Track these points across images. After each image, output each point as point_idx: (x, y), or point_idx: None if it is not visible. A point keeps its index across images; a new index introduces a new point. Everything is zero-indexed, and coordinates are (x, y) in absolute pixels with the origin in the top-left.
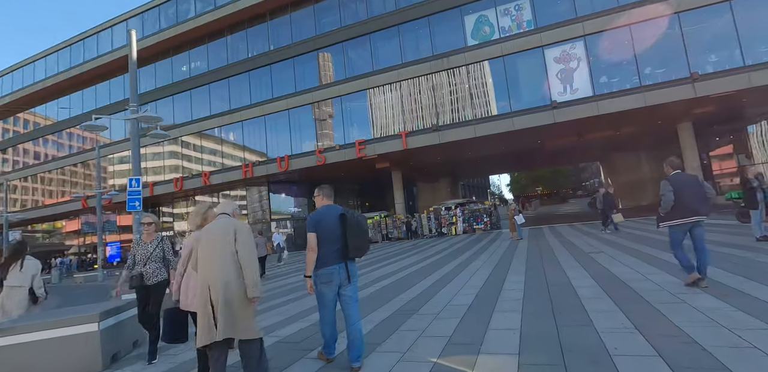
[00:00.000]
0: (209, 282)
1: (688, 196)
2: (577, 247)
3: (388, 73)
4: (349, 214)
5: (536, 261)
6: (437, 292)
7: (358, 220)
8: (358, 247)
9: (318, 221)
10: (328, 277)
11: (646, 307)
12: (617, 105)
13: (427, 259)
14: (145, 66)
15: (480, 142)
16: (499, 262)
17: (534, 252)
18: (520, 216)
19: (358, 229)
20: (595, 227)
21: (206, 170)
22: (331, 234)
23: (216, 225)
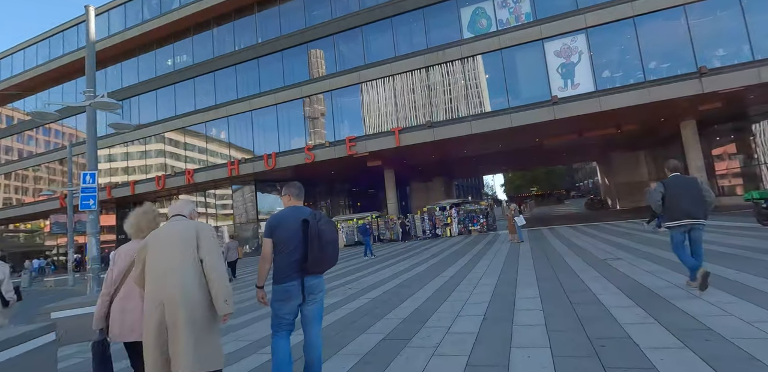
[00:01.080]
0: (164, 299)
1: (684, 199)
2: (587, 252)
3: (381, 66)
4: (313, 219)
5: (546, 269)
6: (435, 311)
7: (321, 229)
8: (318, 260)
9: (275, 226)
10: (284, 294)
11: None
12: (620, 101)
13: (422, 264)
14: (129, 59)
15: (476, 139)
16: (504, 270)
17: (540, 257)
18: (520, 217)
19: (321, 240)
20: (598, 229)
21: (190, 168)
22: (289, 242)
23: (171, 229)
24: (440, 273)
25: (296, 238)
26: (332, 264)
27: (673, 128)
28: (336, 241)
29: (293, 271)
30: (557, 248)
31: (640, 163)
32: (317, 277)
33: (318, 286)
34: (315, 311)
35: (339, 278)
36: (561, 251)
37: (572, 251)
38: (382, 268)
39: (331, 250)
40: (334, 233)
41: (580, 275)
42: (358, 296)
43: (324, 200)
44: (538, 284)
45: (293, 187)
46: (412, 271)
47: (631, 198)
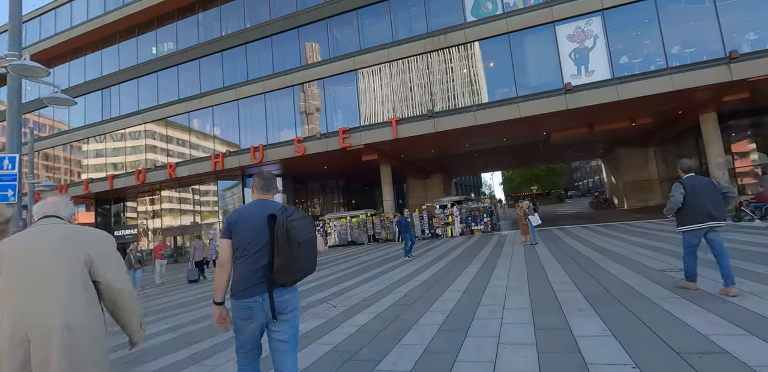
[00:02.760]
0: (28, 328)
1: (703, 200)
2: (627, 258)
3: (378, 52)
4: (283, 214)
5: (589, 282)
6: (455, 359)
7: (288, 227)
8: (288, 267)
9: (235, 223)
10: (245, 312)
11: None
12: (640, 89)
13: (424, 270)
14: (109, 46)
15: (479, 131)
16: (533, 283)
17: (570, 264)
18: (535, 216)
19: (291, 240)
20: (614, 229)
21: (172, 161)
22: (253, 244)
23: (42, 235)
24: (449, 285)
25: (261, 239)
26: (308, 271)
27: (691, 122)
28: (313, 241)
29: (258, 283)
30: (583, 252)
31: (650, 160)
32: (289, 290)
33: (290, 303)
34: (287, 335)
35: (321, 289)
36: (592, 256)
37: (606, 257)
38: (375, 275)
39: (305, 253)
40: (309, 232)
41: (646, 294)
42: (342, 321)
43: (316, 197)
44: (595, 310)
45: (259, 177)
46: (413, 280)
47: (639, 197)
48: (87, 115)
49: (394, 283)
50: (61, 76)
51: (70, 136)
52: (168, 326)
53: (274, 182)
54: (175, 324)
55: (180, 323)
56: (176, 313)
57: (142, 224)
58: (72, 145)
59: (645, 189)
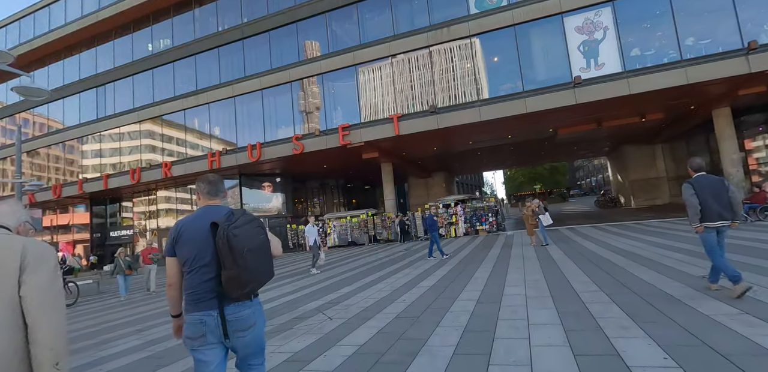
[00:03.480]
0: None
1: (712, 200)
2: (656, 262)
3: (378, 46)
4: (226, 222)
5: (623, 293)
6: None
7: (229, 236)
8: (233, 281)
9: (177, 237)
10: (199, 328)
11: None
12: (652, 83)
13: (429, 275)
14: (103, 44)
15: (484, 128)
16: (556, 293)
17: (593, 270)
18: (546, 215)
19: (233, 249)
20: (627, 228)
21: (167, 160)
22: (199, 257)
23: None
24: (458, 292)
25: (207, 251)
26: (262, 281)
27: (703, 117)
28: (262, 247)
29: (208, 297)
30: (602, 254)
31: (657, 157)
32: (248, 305)
33: (248, 319)
34: (251, 357)
35: (317, 295)
36: (614, 260)
37: (631, 260)
38: (376, 279)
39: (254, 262)
40: (255, 238)
41: (699, 309)
42: (338, 338)
43: (316, 197)
44: (641, 328)
45: (202, 181)
46: (417, 287)
47: (647, 195)
48: (82, 113)
49: (397, 289)
50: (56, 74)
51: (64, 134)
52: (138, 343)
53: (220, 185)
54: (147, 339)
55: (155, 338)
56: (157, 323)
57: (139, 225)
58: (66, 144)
59: (652, 187)
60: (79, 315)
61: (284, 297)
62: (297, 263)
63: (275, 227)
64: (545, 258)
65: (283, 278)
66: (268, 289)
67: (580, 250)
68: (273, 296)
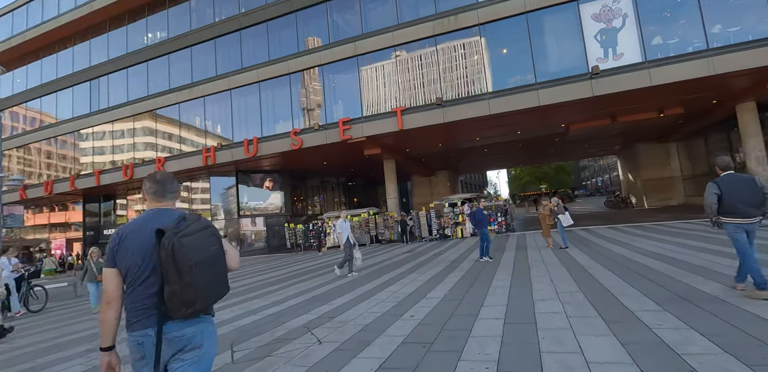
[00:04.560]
0: None
1: (742, 199)
2: (713, 271)
3: (381, 36)
4: (174, 229)
5: (703, 317)
6: None
7: (174, 246)
8: (177, 298)
9: (117, 245)
10: (135, 351)
11: None
12: (675, 74)
13: (438, 282)
14: (97, 36)
15: (493, 123)
16: (606, 313)
17: (639, 281)
18: (566, 215)
19: (178, 262)
20: (648, 229)
21: (161, 156)
22: (140, 269)
23: None
24: (478, 307)
25: (150, 261)
26: (212, 298)
27: (725, 112)
28: (214, 261)
29: (148, 314)
30: (638, 260)
31: (672, 156)
32: (194, 322)
33: (191, 338)
34: None
35: (306, 308)
36: (656, 267)
37: (677, 268)
38: (377, 286)
39: (203, 277)
40: (206, 250)
41: None
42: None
43: (316, 195)
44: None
45: (149, 180)
46: (426, 298)
47: (660, 195)
48: (75, 107)
49: (402, 300)
50: (49, 67)
51: (57, 129)
52: (80, 369)
53: (169, 185)
54: (92, 364)
55: None
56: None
57: None
58: (59, 139)
59: (666, 187)
60: (38, 325)
61: (269, 308)
62: (293, 265)
63: (273, 226)
64: (571, 264)
65: (273, 283)
66: (253, 298)
67: (608, 255)
68: (256, 307)
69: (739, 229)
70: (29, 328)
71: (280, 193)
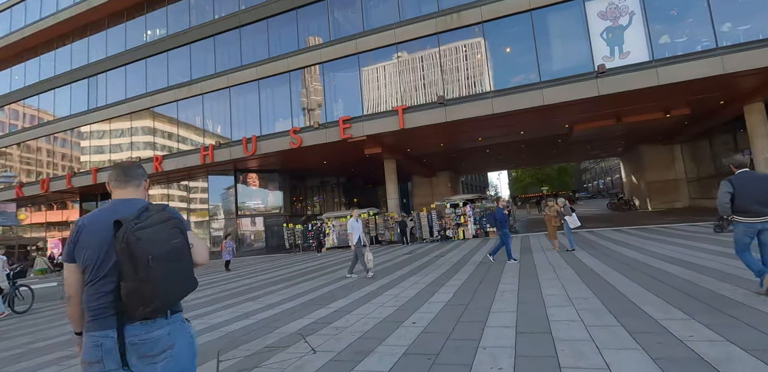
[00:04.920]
0: None
1: (757, 198)
2: (738, 278)
3: (383, 33)
4: (134, 220)
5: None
6: None
7: (130, 239)
8: (134, 295)
9: (76, 237)
10: (93, 352)
11: None
12: (684, 73)
13: (442, 286)
14: (96, 33)
15: (496, 122)
16: (629, 323)
17: (658, 287)
18: (573, 217)
19: (135, 255)
20: (656, 232)
21: (158, 154)
22: (100, 263)
23: None
24: (485, 314)
25: (109, 255)
26: (175, 296)
27: (731, 113)
28: (176, 255)
29: (107, 313)
30: (652, 264)
31: (676, 158)
32: (159, 324)
33: (158, 341)
34: None
35: (301, 312)
36: (674, 272)
37: (698, 273)
38: (378, 289)
39: (163, 273)
40: (166, 243)
41: None
42: None
43: (316, 195)
44: None
45: (114, 168)
46: (429, 302)
47: (664, 198)
48: (73, 105)
49: (404, 305)
50: (47, 64)
51: (55, 126)
52: None
53: (133, 171)
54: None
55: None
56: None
57: None
58: (57, 137)
59: (671, 189)
60: (18, 328)
61: (263, 312)
62: (291, 266)
63: (272, 226)
64: (580, 267)
65: (269, 285)
66: (246, 301)
67: (619, 258)
68: (249, 311)
69: (749, 231)
70: (10, 330)
71: (280, 193)
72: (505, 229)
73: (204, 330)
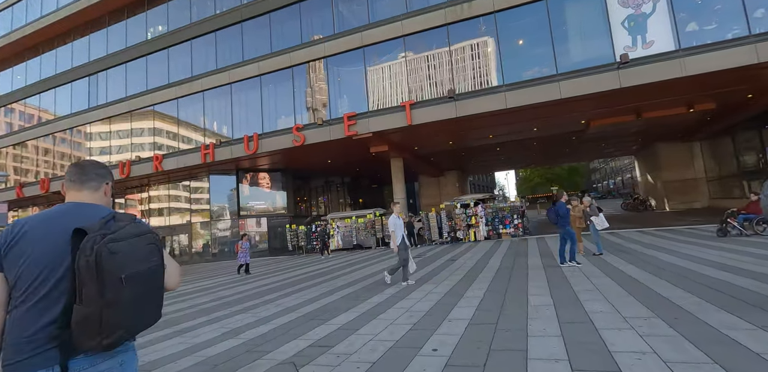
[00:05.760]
0: None
1: None
2: None
3: (389, 25)
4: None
5: None
6: None
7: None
8: (90, 323)
9: (12, 240)
10: None
11: None
12: (713, 63)
13: (461, 298)
14: (97, 31)
15: (509, 118)
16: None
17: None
18: (600, 217)
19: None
20: (681, 233)
21: (158, 153)
22: (41, 280)
23: None
24: (522, 338)
25: (57, 270)
26: (136, 326)
27: (759, 107)
28: (152, 276)
29: (46, 348)
30: (699, 270)
31: (695, 156)
32: (107, 355)
33: None
34: None
35: (295, 330)
36: (734, 281)
37: (763, 282)
38: (385, 302)
39: (130, 295)
40: (144, 260)
41: None
42: None
43: (320, 196)
44: None
45: (72, 166)
46: (448, 320)
47: (683, 198)
48: (73, 103)
49: (419, 322)
50: (48, 63)
51: (55, 125)
52: None
53: (92, 170)
54: None
55: None
56: None
57: None
58: (57, 136)
59: (689, 189)
60: None
61: (253, 328)
62: (293, 270)
63: (275, 227)
64: (617, 275)
65: (265, 293)
66: (237, 313)
67: (657, 263)
68: (238, 326)
69: None
70: None
71: (283, 193)
72: (567, 226)
73: (180, 353)
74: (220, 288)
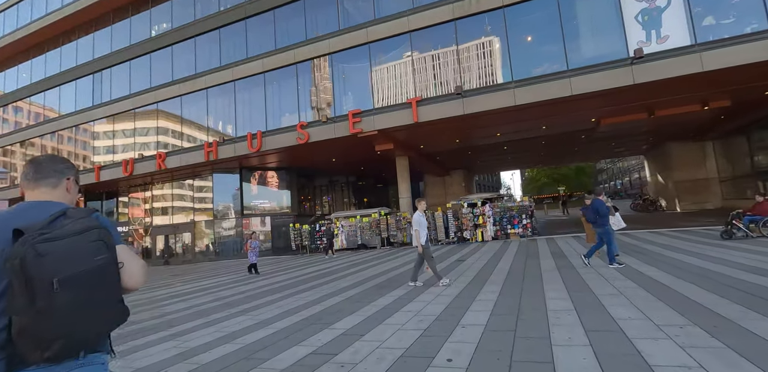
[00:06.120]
0: None
1: None
2: None
3: (395, 21)
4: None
5: None
6: None
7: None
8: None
9: None
10: None
11: None
12: (732, 57)
13: (474, 301)
14: (101, 28)
15: (517, 115)
16: None
17: None
18: (617, 217)
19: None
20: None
21: (161, 151)
22: None
23: None
24: (544, 348)
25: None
26: (79, 335)
27: None
28: (93, 277)
29: None
30: (732, 274)
31: (708, 155)
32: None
33: None
34: None
35: (300, 331)
36: None
37: None
38: (392, 304)
39: (66, 301)
40: (83, 260)
41: None
42: None
43: (325, 195)
44: None
45: (28, 164)
46: (461, 326)
47: (694, 198)
48: (78, 101)
49: (430, 327)
50: (53, 61)
51: (59, 123)
52: None
53: (49, 166)
54: None
55: None
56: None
57: (135, 221)
58: (61, 134)
59: (701, 189)
60: None
61: (252, 332)
62: (296, 270)
63: (279, 226)
64: (639, 277)
65: (267, 294)
66: (236, 315)
67: (681, 266)
68: (235, 330)
69: None
70: None
71: (287, 192)
72: (606, 225)
73: (171, 359)
74: (221, 288)
